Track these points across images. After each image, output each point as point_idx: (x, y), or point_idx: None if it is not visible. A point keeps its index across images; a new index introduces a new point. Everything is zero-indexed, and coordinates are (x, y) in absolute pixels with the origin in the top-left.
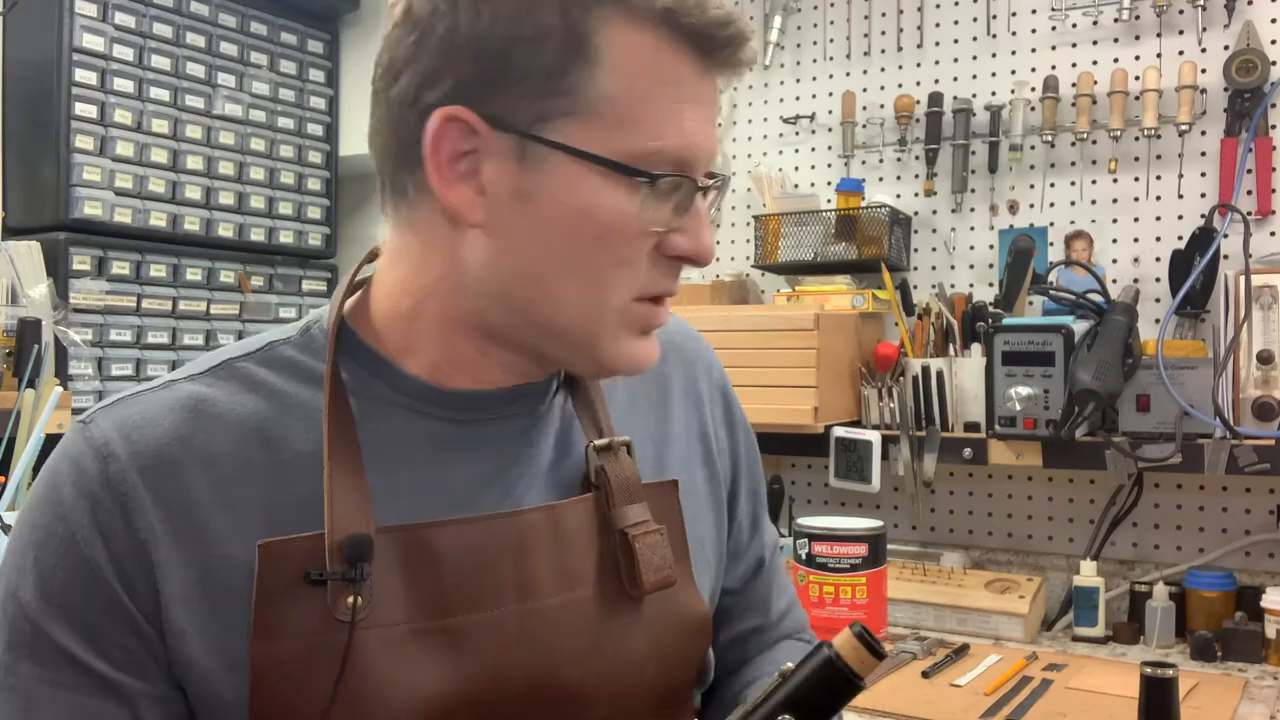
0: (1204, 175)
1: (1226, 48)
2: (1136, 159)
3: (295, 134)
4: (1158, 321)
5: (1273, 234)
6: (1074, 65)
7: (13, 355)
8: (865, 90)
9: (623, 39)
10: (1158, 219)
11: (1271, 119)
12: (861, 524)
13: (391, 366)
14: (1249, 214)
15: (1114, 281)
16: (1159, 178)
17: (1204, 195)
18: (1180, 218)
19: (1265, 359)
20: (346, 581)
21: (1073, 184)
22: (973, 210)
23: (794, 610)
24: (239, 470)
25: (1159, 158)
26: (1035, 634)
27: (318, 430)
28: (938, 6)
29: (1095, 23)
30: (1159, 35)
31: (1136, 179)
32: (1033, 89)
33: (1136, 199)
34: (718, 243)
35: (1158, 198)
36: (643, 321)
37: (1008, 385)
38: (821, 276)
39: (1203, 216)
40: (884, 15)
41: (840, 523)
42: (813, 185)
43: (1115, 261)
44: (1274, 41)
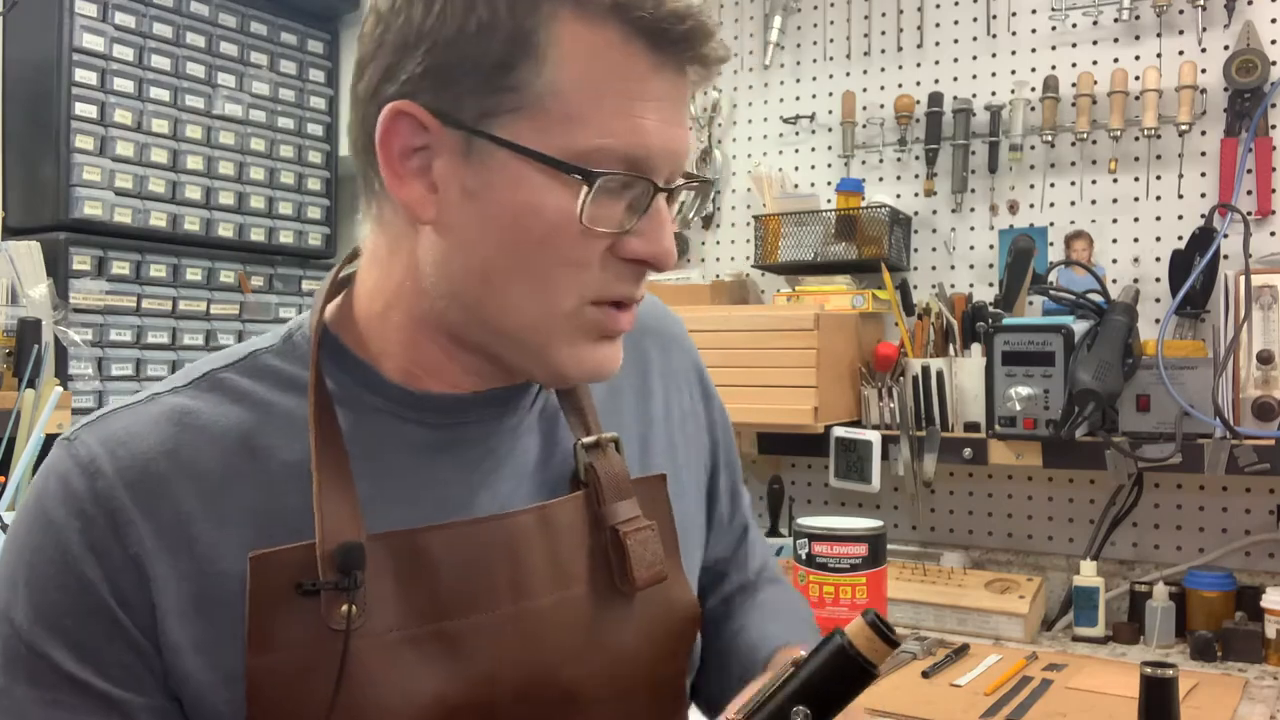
0: (1204, 175)
1: (1226, 48)
2: (1136, 159)
3: (295, 134)
4: (1158, 321)
5: (1273, 234)
6: (1074, 65)
7: (13, 355)
8: (865, 90)
9: (571, 34)
10: (1158, 219)
11: (1271, 119)
12: (861, 524)
13: (372, 371)
14: (1249, 214)
15: (1114, 281)
16: (1159, 178)
17: (1204, 195)
18: (1180, 218)
19: (1265, 359)
20: (340, 590)
21: (1073, 184)
22: (973, 210)
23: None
24: (227, 482)
25: (1159, 158)
26: (1035, 634)
27: (304, 439)
28: (938, 6)
29: (1095, 23)
30: (1159, 35)
31: (1136, 179)
32: (1033, 89)
33: (1136, 199)
34: (717, 243)
35: (1158, 198)
36: (599, 327)
37: (1008, 385)
38: (821, 276)
39: (1203, 216)
40: (884, 15)
41: (840, 523)
42: (813, 185)
43: (1115, 261)
44: (1274, 41)
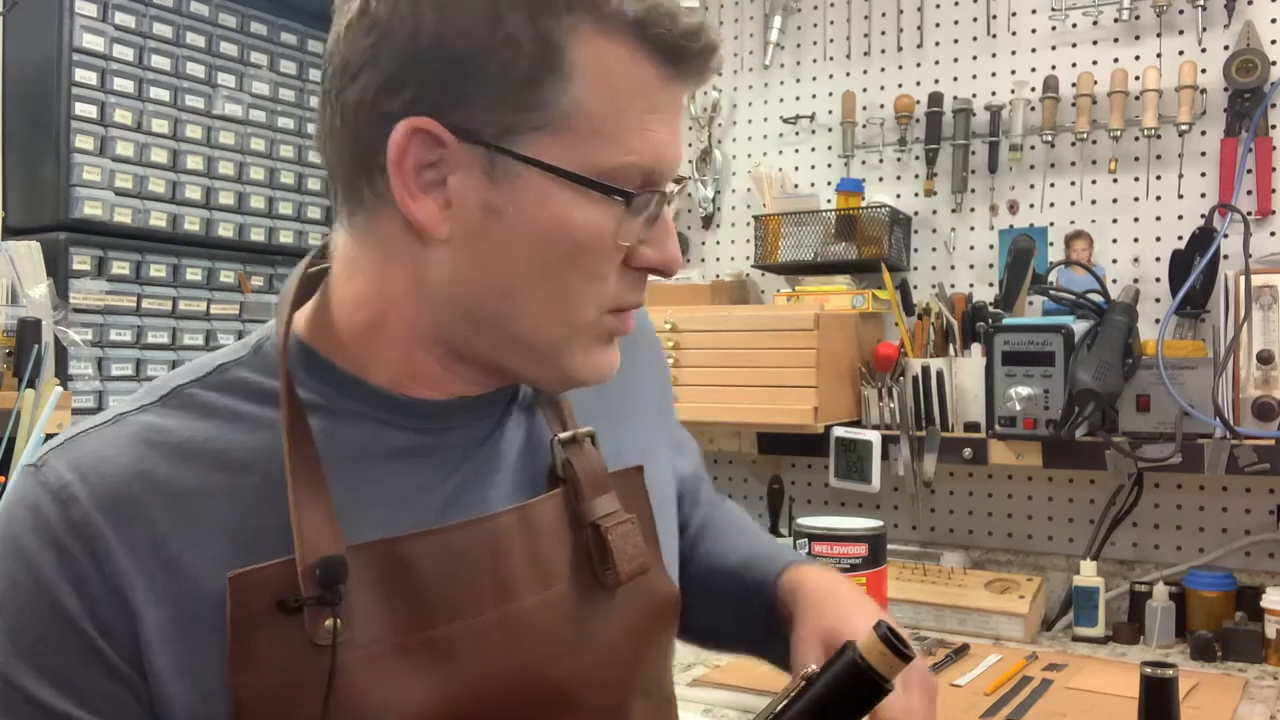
0: (1204, 175)
1: (1226, 48)
2: (1136, 159)
3: (295, 134)
4: (1158, 321)
5: (1273, 234)
6: (1074, 65)
7: (13, 355)
8: (865, 90)
9: (593, 50)
10: (1158, 219)
11: (1271, 119)
12: (861, 524)
13: (353, 379)
14: (1249, 214)
15: (1114, 281)
16: (1159, 178)
17: (1204, 195)
18: (1180, 218)
19: (1265, 359)
20: (323, 605)
21: (1073, 184)
22: (973, 210)
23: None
24: (204, 499)
25: (1159, 158)
26: (1035, 634)
27: (280, 451)
28: (938, 6)
29: (1095, 23)
30: (1159, 35)
31: (1136, 179)
32: (1033, 89)
33: (1136, 199)
34: (717, 243)
35: (1158, 198)
36: (611, 333)
37: (1008, 385)
38: (821, 276)
39: (1203, 216)
40: (884, 15)
41: (840, 523)
42: (813, 185)
43: (1115, 261)
44: (1274, 41)
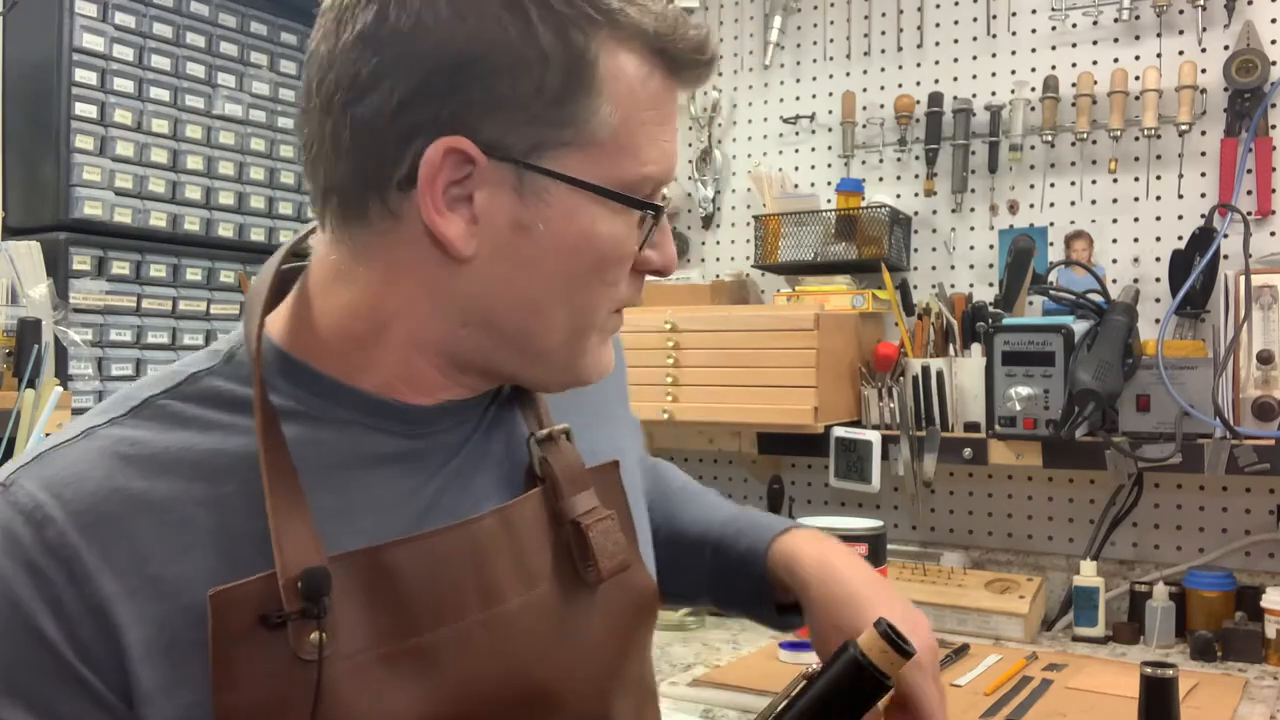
0: (1204, 175)
1: (1226, 48)
2: (1136, 159)
3: (295, 134)
4: (1158, 321)
5: (1273, 234)
6: (1074, 65)
7: (13, 355)
8: (865, 90)
9: (616, 63)
10: (1158, 219)
11: (1271, 119)
12: (861, 524)
13: (341, 385)
14: (1249, 214)
15: (1114, 281)
16: (1159, 178)
17: (1204, 195)
18: (1180, 218)
19: (1265, 359)
20: (307, 618)
21: (1073, 184)
22: (973, 210)
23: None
24: (185, 513)
25: (1159, 158)
26: (1035, 634)
27: (257, 460)
28: (938, 6)
29: (1095, 23)
30: (1159, 35)
31: (1136, 179)
32: (1033, 89)
33: (1136, 199)
34: (717, 243)
35: (1158, 198)
36: (612, 332)
37: (1008, 385)
38: (821, 276)
39: (1203, 216)
40: (884, 15)
41: (840, 523)
42: (813, 185)
43: (1115, 261)
44: (1274, 41)
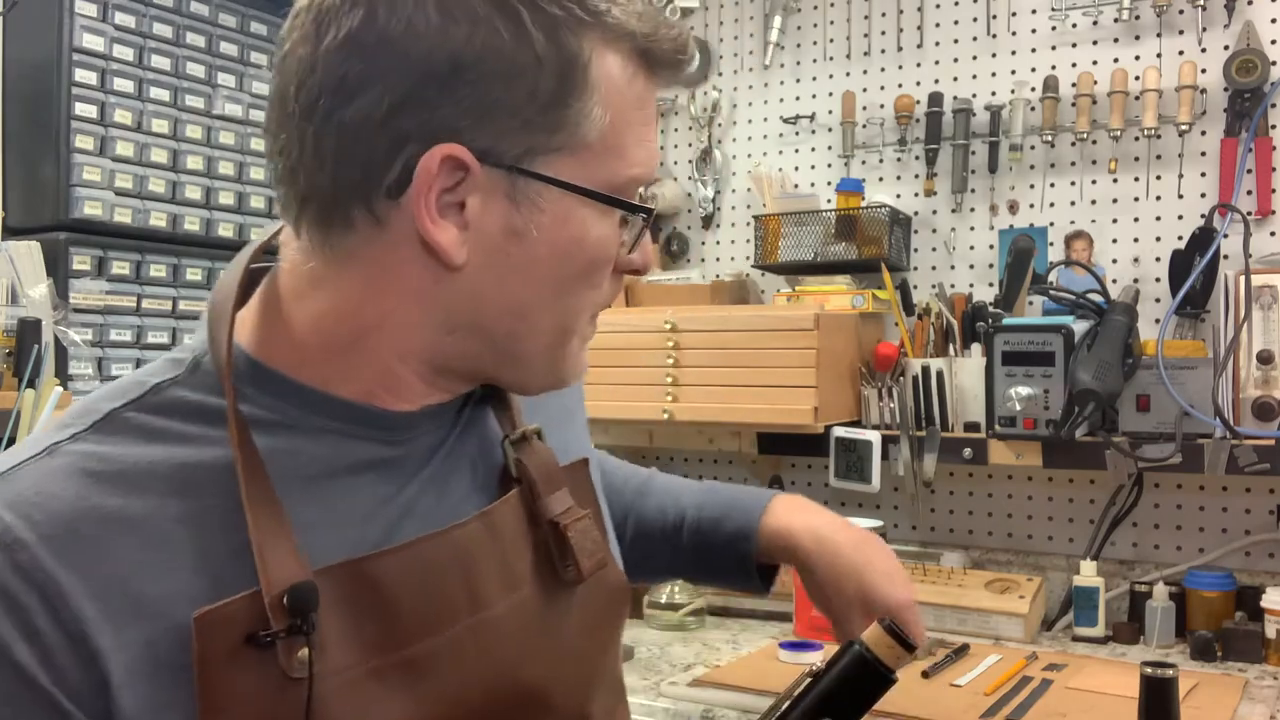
0: (1204, 175)
1: (1226, 48)
2: (1136, 159)
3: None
4: (1158, 321)
5: (1273, 234)
6: (1074, 65)
7: (13, 355)
8: (865, 90)
9: (604, 66)
10: (1158, 219)
11: (1271, 119)
12: (861, 524)
13: (319, 393)
14: (1249, 214)
15: (1114, 281)
16: (1159, 178)
17: (1204, 195)
18: (1180, 218)
19: (1265, 359)
20: (294, 635)
21: (1073, 184)
22: (973, 210)
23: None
24: (162, 530)
25: (1159, 158)
26: (1035, 634)
27: (234, 473)
28: (938, 6)
29: (1095, 23)
30: (1159, 35)
31: (1136, 179)
32: (1033, 89)
33: (1136, 199)
34: (717, 243)
35: (1158, 198)
36: (590, 338)
37: (1008, 385)
38: (821, 276)
39: (1203, 216)
40: (884, 15)
41: None
42: (813, 185)
43: (1115, 261)
44: (1274, 41)
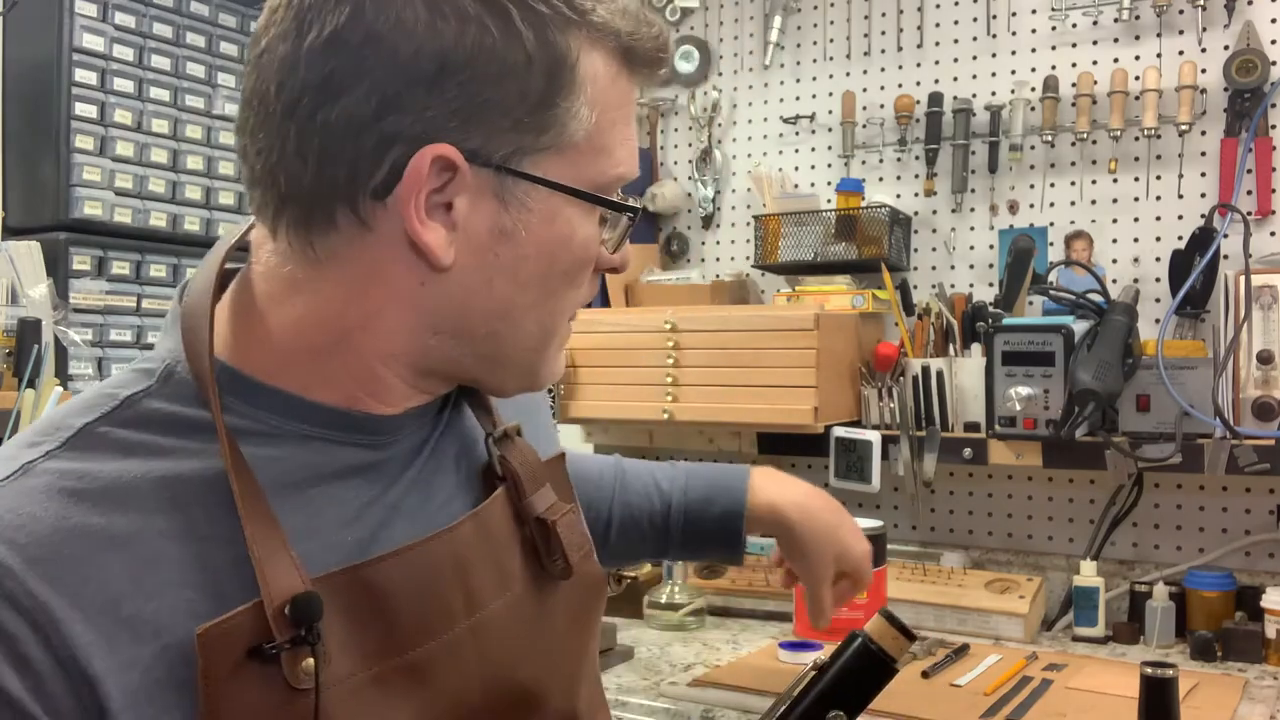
0: (1204, 175)
1: (1226, 48)
2: (1136, 159)
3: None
4: (1158, 321)
5: (1273, 234)
6: (1074, 65)
7: (13, 355)
8: (865, 90)
9: (590, 65)
10: (1158, 219)
11: (1271, 119)
12: (862, 524)
13: (302, 400)
14: (1249, 214)
15: (1114, 281)
16: (1159, 178)
17: (1204, 195)
18: (1180, 218)
19: (1265, 359)
20: (299, 646)
21: (1073, 184)
22: (973, 210)
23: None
24: (152, 547)
25: (1159, 158)
26: (1035, 634)
27: (220, 484)
28: (938, 6)
29: (1095, 23)
30: (1159, 35)
31: (1136, 179)
32: (1033, 89)
33: (1136, 199)
34: (717, 243)
35: (1158, 198)
36: (567, 340)
37: (1008, 385)
38: (821, 276)
39: (1203, 216)
40: (884, 15)
41: None
42: (813, 185)
43: (1115, 261)
44: (1274, 41)
